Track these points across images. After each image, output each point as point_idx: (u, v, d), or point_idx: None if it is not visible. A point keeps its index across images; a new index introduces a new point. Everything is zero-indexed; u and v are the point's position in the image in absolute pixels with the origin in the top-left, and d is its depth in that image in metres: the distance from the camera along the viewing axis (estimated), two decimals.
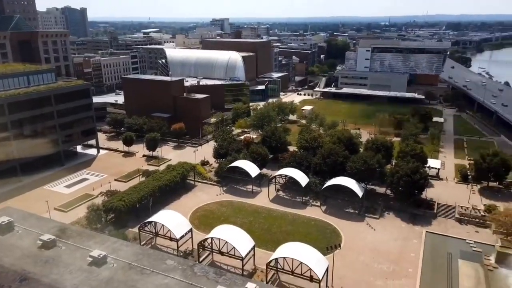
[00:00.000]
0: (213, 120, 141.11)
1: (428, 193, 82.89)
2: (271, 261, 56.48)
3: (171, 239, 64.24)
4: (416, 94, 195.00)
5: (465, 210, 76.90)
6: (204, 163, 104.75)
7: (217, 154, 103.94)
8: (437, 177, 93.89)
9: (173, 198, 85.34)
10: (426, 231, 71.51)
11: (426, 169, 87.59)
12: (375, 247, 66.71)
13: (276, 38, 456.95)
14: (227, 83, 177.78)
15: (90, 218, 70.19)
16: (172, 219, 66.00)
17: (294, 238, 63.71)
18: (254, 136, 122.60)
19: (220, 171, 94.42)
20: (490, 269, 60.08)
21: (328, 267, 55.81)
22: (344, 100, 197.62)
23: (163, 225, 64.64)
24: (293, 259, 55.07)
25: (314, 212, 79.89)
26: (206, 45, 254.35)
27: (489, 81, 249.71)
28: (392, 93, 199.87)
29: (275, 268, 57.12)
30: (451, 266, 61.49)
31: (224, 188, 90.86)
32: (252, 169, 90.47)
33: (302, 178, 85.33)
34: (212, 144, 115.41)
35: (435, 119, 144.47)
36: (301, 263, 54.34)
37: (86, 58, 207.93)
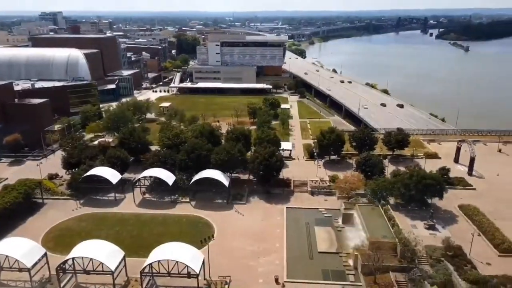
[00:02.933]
0: (57, 127, 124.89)
1: (285, 173, 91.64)
2: (145, 267, 53.96)
3: (20, 269, 54.83)
4: (265, 84, 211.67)
5: (315, 183, 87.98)
6: (53, 176, 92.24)
7: (68, 164, 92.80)
8: (290, 157, 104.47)
9: (17, 223, 72.77)
10: (287, 207, 79.19)
11: (281, 151, 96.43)
12: (245, 231, 70.54)
13: (121, 33, 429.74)
14: (70, 84, 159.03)
15: None
16: (19, 247, 56.33)
17: (167, 239, 62.19)
18: (110, 140, 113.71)
19: (74, 183, 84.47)
20: (339, 229, 70.56)
21: (204, 260, 56.53)
22: (201, 94, 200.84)
23: (7, 256, 54.71)
24: (168, 260, 53.83)
25: (185, 208, 79.44)
26: (38, 42, 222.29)
27: (321, 69, 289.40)
28: (244, 85, 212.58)
29: (150, 274, 54.85)
30: (309, 233, 69.80)
31: (81, 201, 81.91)
32: (112, 175, 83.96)
33: (168, 177, 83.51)
34: (60, 154, 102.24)
35: (282, 106, 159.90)
36: (177, 262, 53.61)
37: None
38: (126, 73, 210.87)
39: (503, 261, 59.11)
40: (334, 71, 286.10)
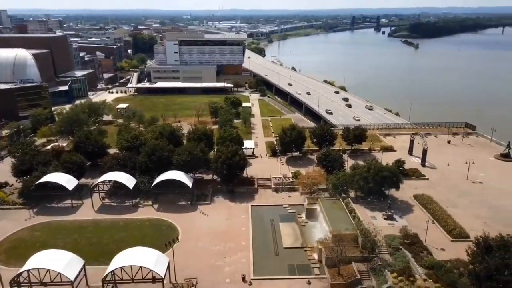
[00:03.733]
0: (5, 132, 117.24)
1: (248, 171, 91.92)
2: (107, 275, 52.06)
3: None
4: (225, 83, 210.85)
5: (278, 180, 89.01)
6: (2, 185, 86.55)
7: (18, 171, 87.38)
8: (253, 155, 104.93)
9: None
10: (251, 205, 79.50)
11: (244, 150, 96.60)
12: (210, 231, 70.02)
13: (73, 32, 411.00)
14: (18, 86, 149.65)
15: None
16: None
17: (130, 244, 60.37)
18: (65, 144, 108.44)
19: (26, 191, 79.62)
20: (303, 224, 71.92)
21: (169, 263, 55.50)
22: (160, 94, 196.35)
23: None
24: (131, 266, 52.34)
25: (147, 212, 77.47)
26: None
27: (280, 67, 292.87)
28: (205, 84, 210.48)
29: (113, 281, 53.05)
30: (274, 230, 70.55)
31: (35, 210, 77.47)
32: (68, 181, 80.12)
33: (128, 180, 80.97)
34: (9, 161, 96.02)
35: (244, 104, 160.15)
36: (141, 267, 52.27)
37: None
38: (79, 73, 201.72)
39: (455, 245, 62.86)
40: (293, 69, 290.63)
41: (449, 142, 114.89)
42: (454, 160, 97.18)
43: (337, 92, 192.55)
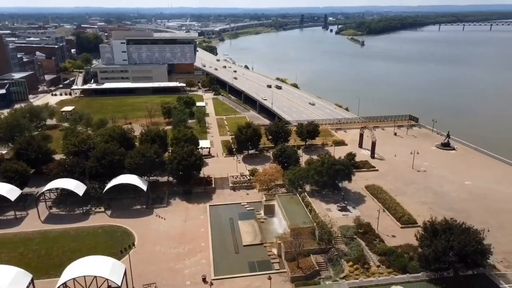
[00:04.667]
0: None
1: (205, 171, 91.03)
2: (58, 287, 49.19)
3: None
4: (177, 82, 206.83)
5: (236, 178, 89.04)
6: None
7: None
8: (209, 155, 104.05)
9: None
10: (209, 205, 78.85)
11: (199, 150, 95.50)
12: (168, 234, 68.51)
13: (8, 32, 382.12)
14: None
15: None
16: None
17: (82, 254, 57.45)
18: (4, 152, 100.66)
19: None
20: (262, 221, 72.54)
21: (125, 270, 53.54)
22: (109, 95, 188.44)
23: None
24: (84, 276, 49.84)
25: (100, 219, 74.08)
26: None
27: (233, 65, 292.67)
28: (156, 84, 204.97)
29: None
30: (234, 228, 70.54)
31: None
32: (10, 191, 74.47)
33: (77, 187, 76.88)
34: None
35: (198, 104, 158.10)
36: (95, 276, 49.99)
37: None
38: (17, 75, 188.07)
39: (405, 232, 66.60)
40: (246, 67, 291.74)
41: (395, 134, 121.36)
42: (400, 151, 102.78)
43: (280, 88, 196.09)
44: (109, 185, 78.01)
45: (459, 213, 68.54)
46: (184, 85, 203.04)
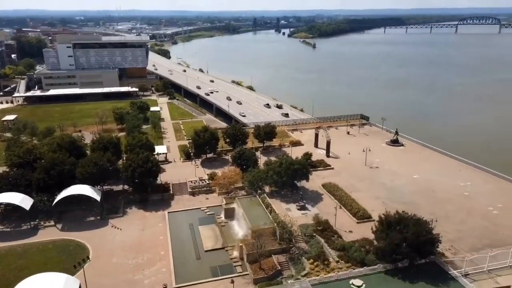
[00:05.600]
0: None
1: (162, 177, 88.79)
2: None
3: None
4: (130, 87, 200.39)
5: (194, 183, 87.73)
6: None
7: None
8: (166, 161, 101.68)
9: None
10: (168, 212, 76.99)
11: (155, 156, 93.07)
12: (125, 245, 65.98)
13: None
14: None
15: None
16: None
17: (32, 271, 53.73)
18: None
19: None
20: (222, 225, 72.06)
21: (80, 285, 50.83)
22: (55, 102, 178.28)
23: None
24: None
25: (50, 233, 69.68)
26: None
27: (187, 69, 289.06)
28: (106, 89, 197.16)
29: None
30: (194, 234, 69.42)
31: None
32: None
33: (23, 201, 71.81)
34: None
35: (152, 108, 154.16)
36: None
37: None
38: None
39: (361, 226, 69.11)
40: (201, 70, 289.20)
41: (348, 133, 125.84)
42: (353, 149, 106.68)
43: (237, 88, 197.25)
44: (59, 197, 73.71)
45: (410, 205, 72.36)
46: (137, 89, 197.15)
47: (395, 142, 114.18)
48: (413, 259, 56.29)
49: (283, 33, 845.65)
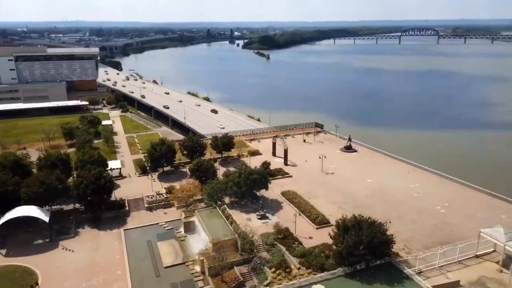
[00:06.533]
0: None
1: (117, 194, 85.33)
2: None
3: None
4: (79, 101, 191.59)
5: (152, 198, 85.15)
6: None
7: None
8: (120, 176, 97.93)
9: None
10: (124, 230, 73.88)
11: (109, 171, 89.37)
12: (78, 267, 62.30)
13: None
14: None
15: None
16: None
17: None
18: None
19: None
20: (182, 239, 70.33)
21: None
22: None
23: None
24: None
25: None
26: None
27: (141, 81, 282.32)
28: (53, 103, 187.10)
29: None
30: (153, 251, 67.12)
31: None
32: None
33: None
34: None
35: (104, 122, 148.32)
36: None
37: None
38: None
39: (320, 232, 70.50)
40: (155, 82, 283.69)
41: (304, 141, 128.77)
42: (310, 157, 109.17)
43: (198, 105, 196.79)
44: (2, 220, 68.37)
45: (365, 209, 75.10)
46: (87, 103, 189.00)
47: (348, 148, 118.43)
48: (370, 260, 58.27)
49: (237, 44, 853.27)
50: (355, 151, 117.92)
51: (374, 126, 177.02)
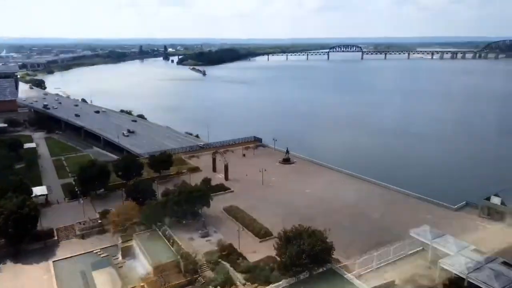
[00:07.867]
0: None
1: (44, 223, 78.00)
2: None
3: None
4: None
5: (84, 224, 79.29)
6: None
7: None
8: (47, 203, 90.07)
9: None
10: (53, 261, 67.77)
11: (34, 199, 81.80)
12: None
13: None
14: None
15: None
16: None
17: None
18: None
19: None
20: (120, 266, 66.23)
21: None
22: None
23: None
24: None
25: None
26: None
27: (67, 99, 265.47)
28: None
29: None
30: (87, 282, 62.20)
31: None
32: None
33: None
34: None
35: (26, 145, 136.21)
36: None
37: None
38: None
39: (263, 245, 70.67)
40: (84, 100, 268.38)
41: (244, 155, 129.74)
42: (250, 171, 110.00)
43: (134, 121, 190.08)
44: None
45: (305, 218, 76.74)
46: (6, 125, 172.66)
47: (286, 161, 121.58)
48: (312, 269, 59.66)
49: (172, 61, 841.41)
50: (293, 163, 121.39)
51: (308, 137, 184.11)
